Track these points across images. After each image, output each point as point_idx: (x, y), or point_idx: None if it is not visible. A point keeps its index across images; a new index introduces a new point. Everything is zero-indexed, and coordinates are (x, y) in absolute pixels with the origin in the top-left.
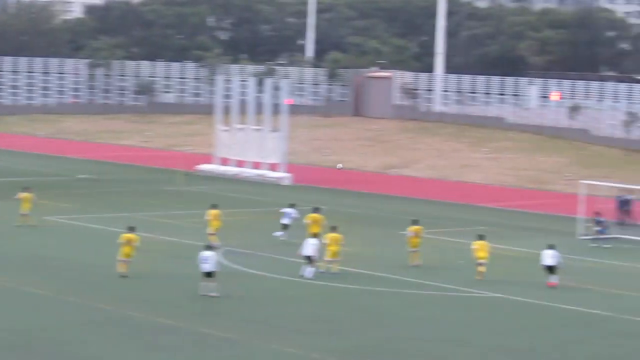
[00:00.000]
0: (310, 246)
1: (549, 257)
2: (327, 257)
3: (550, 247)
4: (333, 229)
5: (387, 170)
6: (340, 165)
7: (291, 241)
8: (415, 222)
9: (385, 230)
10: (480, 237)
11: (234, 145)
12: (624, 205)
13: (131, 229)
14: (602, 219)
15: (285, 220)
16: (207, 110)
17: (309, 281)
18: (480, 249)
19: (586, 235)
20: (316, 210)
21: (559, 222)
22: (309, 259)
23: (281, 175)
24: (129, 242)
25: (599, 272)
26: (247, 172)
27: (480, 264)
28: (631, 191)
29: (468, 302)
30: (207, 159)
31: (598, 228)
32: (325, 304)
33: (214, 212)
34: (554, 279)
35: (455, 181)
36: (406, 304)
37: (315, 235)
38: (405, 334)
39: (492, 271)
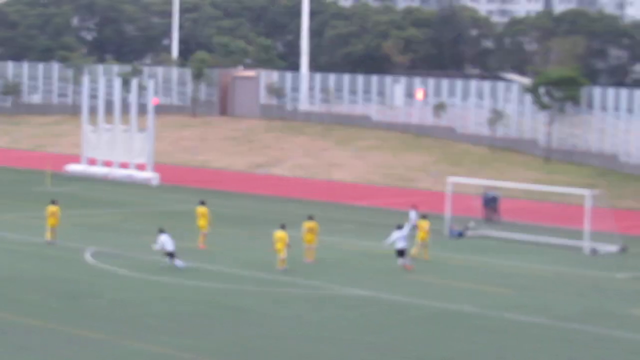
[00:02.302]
0: (169, 242)
1: (400, 240)
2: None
3: (399, 227)
4: (282, 227)
5: (255, 169)
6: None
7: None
8: (310, 218)
9: (253, 229)
10: (282, 227)
11: (101, 146)
12: (490, 202)
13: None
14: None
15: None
16: (74, 110)
17: (179, 281)
18: (280, 240)
19: (453, 232)
20: (202, 203)
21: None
22: (171, 254)
23: (149, 175)
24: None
25: (466, 269)
26: (116, 172)
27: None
28: (497, 188)
29: (336, 300)
30: (76, 160)
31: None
32: (195, 303)
33: (52, 208)
34: (407, 262)
35: (323, 180)
36: (274, 303)
37: (202, 227)
38: (271, 333)
39: (362, 269)
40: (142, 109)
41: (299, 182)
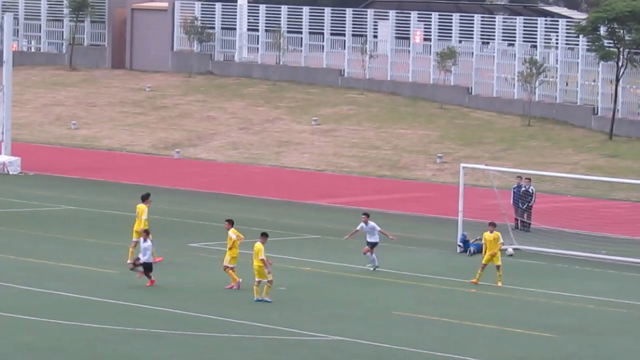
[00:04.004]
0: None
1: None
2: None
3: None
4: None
5: (166, 151)
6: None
7: None
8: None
9: (165, 241)
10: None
11: None
12: (521, 199)
13: None
14: None
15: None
16: None
17: (43, 323)
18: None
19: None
20: (145, 198)
21: (428, 228)
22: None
23: (5, 159)
24: None
25: (488, 302)
26: None
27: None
28: (531, 179)
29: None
30: None
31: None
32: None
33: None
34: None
35: (270, 166)
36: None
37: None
38: None
39: (337, 300)
40: None
41: (233, 170)
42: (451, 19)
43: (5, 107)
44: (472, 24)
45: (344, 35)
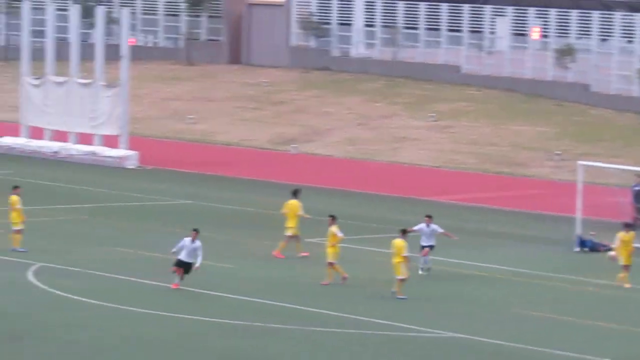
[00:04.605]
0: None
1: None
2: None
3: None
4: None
5: (282, 146)
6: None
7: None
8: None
9: (282, 236)
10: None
11: (50, 109)
12: None
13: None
14: None
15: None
16: (6, 55)
17: (161, 313)
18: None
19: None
20: (295, 194)
21: (544, 225)
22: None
23: (122, 153)
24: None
25: (613, 303)
26: (72, 148)
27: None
28: None
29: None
30: (11, 130)
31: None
32: (190, 350)
33: (14, 198)
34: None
35: (386, 162)
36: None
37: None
38: None
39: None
40: (112, 54)
41: (350, 166)
42: (569, 16)
43: (122, 101)
44: (591, 20)
45: (461, 31)
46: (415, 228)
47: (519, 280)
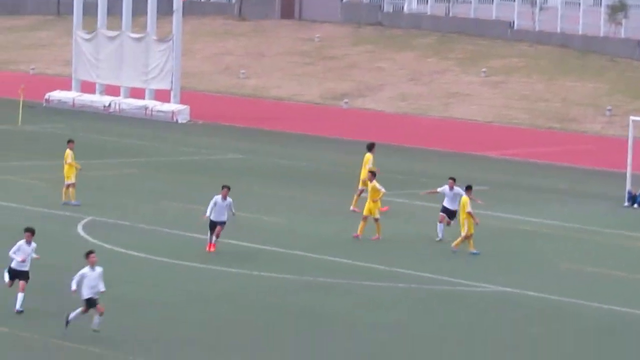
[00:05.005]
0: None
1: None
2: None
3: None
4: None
5: (334, 101)
6: None
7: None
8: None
9: (333, 191)
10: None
11: (101, 63)
12: None
13: None
14: None
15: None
16: (58, 9)
17: (217, 269)
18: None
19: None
20: (370, 147)
21: (595, 180)
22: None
23: (174, 107)
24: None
25: None
26: (124, 102)
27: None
28: None
29: (468, 297)
30: (62, 84)
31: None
32: (253, 308)
33: (68, 151)
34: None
35: (438, 117)
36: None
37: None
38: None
39: (497, 251)
40: (164, 8)
41: (401, 121)
42: None
43: (175, 56)
44: None
45: None
46: (438, 189)
47: (568, 235)
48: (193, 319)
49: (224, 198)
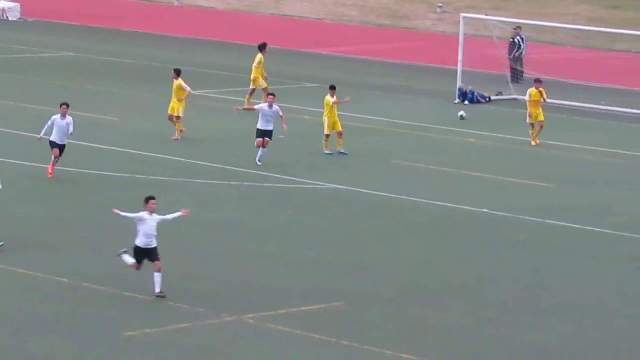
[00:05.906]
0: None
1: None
2: None
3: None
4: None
5: None
6: None
7: None
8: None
9: (165, 89)
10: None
11: None
12: (515, 49)
13: None
14: None
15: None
16: None
17: None
18: None
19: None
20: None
21: (427, 77)
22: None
23: (4, 5)
24: None
25: (485, 153)
26: None
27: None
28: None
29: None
30: None
31: None
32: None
33: None
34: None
35: (270, 15)
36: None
37: None
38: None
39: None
40: None
41: (233, 18)
42: None
43: None
44: None
45: None
46: (256, 107)
47: (400, 132)
48: None
49: (64, 116)
